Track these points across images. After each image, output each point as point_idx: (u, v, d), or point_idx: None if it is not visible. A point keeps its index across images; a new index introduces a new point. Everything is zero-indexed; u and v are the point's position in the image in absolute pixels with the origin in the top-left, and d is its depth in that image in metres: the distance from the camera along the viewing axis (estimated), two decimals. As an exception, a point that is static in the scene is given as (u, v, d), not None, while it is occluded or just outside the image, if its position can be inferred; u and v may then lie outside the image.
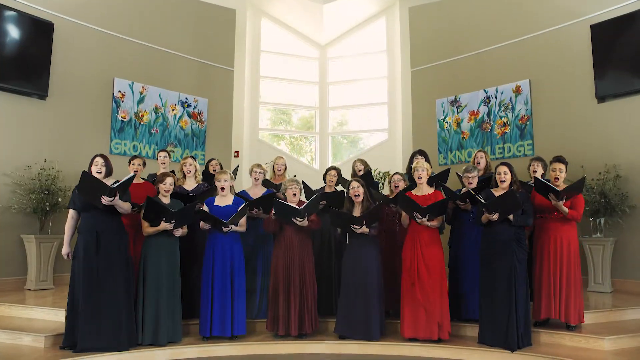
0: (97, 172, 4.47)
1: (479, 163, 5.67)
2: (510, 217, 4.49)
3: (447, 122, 8.79)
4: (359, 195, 4.89)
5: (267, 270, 5.24)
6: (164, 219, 4.53)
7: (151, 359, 4.48)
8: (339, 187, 5.86)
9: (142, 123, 8.21)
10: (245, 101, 10.06)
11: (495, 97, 8.14)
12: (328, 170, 5.80)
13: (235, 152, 9.58)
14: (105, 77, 7.79)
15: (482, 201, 4.50)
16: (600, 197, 6.31)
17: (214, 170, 5.91)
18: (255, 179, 5.47)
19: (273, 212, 4.82)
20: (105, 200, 4.23)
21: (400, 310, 4.81)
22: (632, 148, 6.50)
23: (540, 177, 4.94)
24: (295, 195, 4.97)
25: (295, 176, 5.49)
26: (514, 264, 4.46)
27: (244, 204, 4.85)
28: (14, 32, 6.71)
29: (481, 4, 8.48)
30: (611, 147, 6.67)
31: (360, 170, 5.97)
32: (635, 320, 5.13)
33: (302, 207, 4.73)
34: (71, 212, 4.53)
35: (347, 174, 6.22)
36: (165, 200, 4.75)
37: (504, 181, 4.65)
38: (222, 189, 4.89)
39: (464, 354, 4.59)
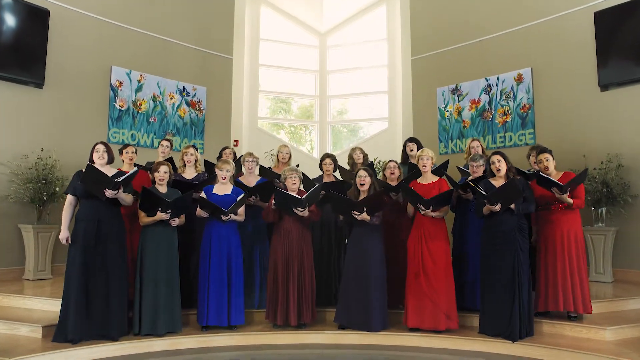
0: (99, 159, 4.44)
1: (477, 153, 5.62)
2: (512, 206, 4.44)
3: (447, 111, 8.72)
4: (364, 184, 4.84)
5: (266, 261, 5.23)
6: (159, 208, 4.48)
7: (149, 349, 4.45)
8: (336, 173, 5.82)
9: (140, 112, 8.13)
10: (244, 90, 9.99)
11: (497, 85, 8.05)
12: (323, 158, 5.75)
13: (235, 141, 9.52)
14: (102, 65, 7.71)
15: (483, 193, 4.44)
16: (602, 187, 6.26)
17: None
18: (248, 168, 5.42)
19: (273, 201, 4.78)
20: (108, 193, 4.21)
21: (405, 301, 4.79)
22: (635, 137, 6.43)
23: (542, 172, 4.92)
24: (294, 184, 4.93)
25: (297, 165, 5.44)
26: (517, 254, 4.42)
27: (243, 194, 4.81)
28: (9, 19, 6.62)
29: (483, -10, 8.37)
30: (614, 136, 6.60)
31: (359, 159, 5.91)
32: (636, 310, 5.10)
33: (303, 197, 4.68)
34: (70, 197, 4.47)
35: (344, 163, 6.17)
36: (162, 189, 4.70)
37: (500, 169, 4.60)
38: (224, 177, 4.85)
39: (465, 344, 4.56)
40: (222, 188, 4.88)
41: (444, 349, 4.56)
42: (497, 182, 4.59)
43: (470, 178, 5.05)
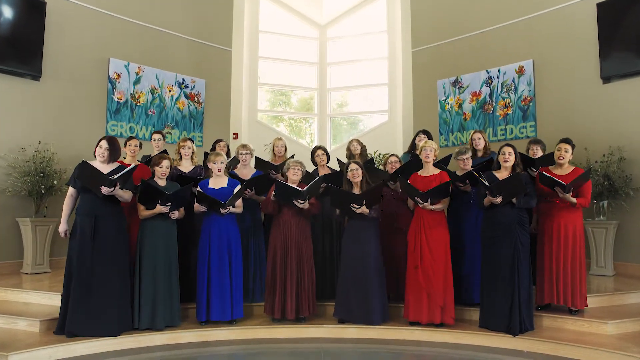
0: (99, 156, 4.38)
1: (478, 145, 5.57)
2: (514, 199, 4.41)
3: (448, 103, 8.66)
4: (357, 176, 4.80)
5: (257, 254, 5.23)
6: (159, 201, 4.44)
7: (148, 343, 4.43)
8: (331, 165, 5.82)
9: (138, 104, 8.07)
10: (243, 82, 9.92)
11: (498, 77, 7.99)
12: (314, 151, 5.72)
13: (234, 133, 9.47)
14: (100, 57, 7.63)
15: (486, 184, 4.41)
16: (604, 180, 6.22)
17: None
18: (243, 160, 5.38)
19: (273, 193, 4.74)
20: (104, 190, 4.16)
21: (405, 293, 4.76)
22: (637, 130, 6.38)
23: (541, 165, 4.88)
24: (296, 176, 4.89)
25: (292, 156, 5.39)
26: (517, 248, 4.39)
27: (239, 186, 4.77)
28: (5, 10, 6.54)
29: (484, -18, 8.29)
30: (616, 129, 6.55)
31: (356, 150, 5.88)
32: (637, 304, 5.07)
33: (304, 189, 4.64)
34: (71, 189, 4.44)
35: (343, 156, 6.13)
36: (161, 182, 4.66)
37: (508, 161, 4.56)
38: (219, 170, 4.81)
39: (465, 338, 4.54)
40: (218, 181, 4.84)
41: (445, 343, 4.54)
42: (501, 175, 4.56)
43: (459, 172, 5.00)
